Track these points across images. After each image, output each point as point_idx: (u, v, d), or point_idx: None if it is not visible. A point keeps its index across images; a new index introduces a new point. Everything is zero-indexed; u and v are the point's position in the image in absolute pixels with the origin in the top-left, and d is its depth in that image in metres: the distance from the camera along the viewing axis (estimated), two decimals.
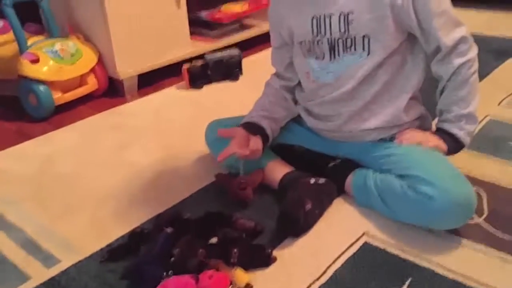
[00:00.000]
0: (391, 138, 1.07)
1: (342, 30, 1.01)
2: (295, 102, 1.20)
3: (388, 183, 0.99)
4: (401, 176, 0.98)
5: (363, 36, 1.00)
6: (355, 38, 1.00)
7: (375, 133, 1.07)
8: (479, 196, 1.06)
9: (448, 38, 0.99)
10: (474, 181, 1.10)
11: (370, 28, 0.99)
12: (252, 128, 1.12)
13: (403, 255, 0.92)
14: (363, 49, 1.01)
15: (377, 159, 1.05)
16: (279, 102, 1.19)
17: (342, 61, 1.03)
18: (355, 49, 1.01)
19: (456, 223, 0.95)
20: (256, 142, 1.09)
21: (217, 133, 1.15)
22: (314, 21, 1.03)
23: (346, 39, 1.01)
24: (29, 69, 1.59)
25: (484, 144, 1.28)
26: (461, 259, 0.91)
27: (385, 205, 1.00)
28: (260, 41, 2.16)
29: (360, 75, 1.03)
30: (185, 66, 1.78)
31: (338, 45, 1.02)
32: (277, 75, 1.22)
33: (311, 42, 1.06)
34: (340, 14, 1.00)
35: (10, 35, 1.69)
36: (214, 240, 0.94)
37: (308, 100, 1.15)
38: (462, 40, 1.01)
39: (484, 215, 1.02)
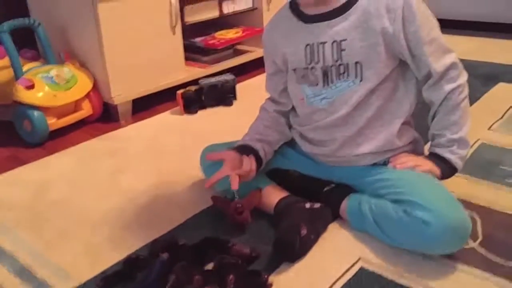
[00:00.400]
0: (385, 163, 1.08)
1: (335, 57, 1.02)
2: (290, 126, 1.21)
3: (382, 208, 1.00)
4: (395, 201, 0.98)
5: (356, 63, 1.02)
6: (348, 65, 1.02)
7: (368, 157, 1.08)
8: (473, 221, 1.07)
9: (438, 64, 1.02)
10: (467, 205, 1.11)
11: (363, 55, 1.01)
12: (245, 150, 1.13)
13: (399, 280, 0.92)
14: (356, 75, 1.03)
15: (372, 184, 1.06)
16: (273, 126, 1.20)
17: (335, 87, 1.05)
18: (348, 76, 1.03)
19: (452, 248, 0.95)
20: (249, 162, 1.09)
21: (207, 157, 1.14)
22: (308, 48, 1.05)
23: (339, 66, 1.03)
24: (24, 95, 1.60)
25: (476, 168, 1.30)
26: (457, 284, 0.91)
27: (380, 230, 1.01)
28: (254, 67, 2.19)
29: (354, 101, 1.04)
30: (180, 92, 1.80)
31: (331, 72, 1.04)
32: (271, 99, 1.23)
33: (304, 69, 1.07)
34: (333, 42, 1.02)
35: (5, 61, 1.70)
36: (210, 266, 0.93)
37: (303, 125, 1.16)
38: (452, 66, 1.03)
39: (479, 240, 1.02)
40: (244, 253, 0.98)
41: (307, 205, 1.07)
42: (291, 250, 0.97)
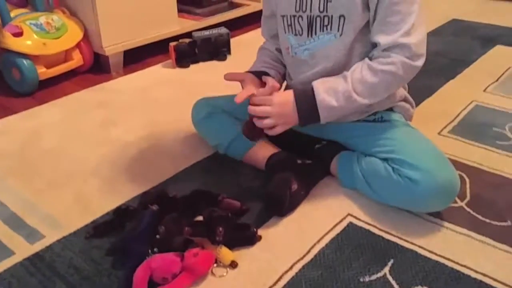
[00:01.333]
0: (374, 120, 1.08)
1: (321, 8, 1.01)
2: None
3: (373, 167, 1.00)
4: (385, 159, 0.98)
5: (340, 16, 0.99)
6: (332, 17, 1.00)
7: (355, 114, 1.07)
8: (462, 180, 1.08)
9: (387, 36, 0.95)
10: (457, 165, 1.12)
11: (346, 8, 0.99)
12: (260, 75, 1.10)
13: (386, 236, 0.94)
14: (338, 29, 1.01)
15: (362, 142, 1.06)
16: (278, 61, 1.17)
17: (318, 39, 1.03)
18: (331, 29, 1.01)
19: (440, 206, 0.96)
20: (273, 80, 1.06)
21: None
22: None
23: (323, 17, 1.01)
24: (12, 42, 1.56)
25: (469, 129, 1.30)
26: (444, 242, 0.92)
27: (370, 188, 1.01)
28: (249, 21, 2.14)
29: (333, 56, 1.02)
30: (172, 44, 1.76)
31: (316, 23, 1.02)
32: (270, 41, 1.20)
33: (292, 17, 1.06)
34: None
35: None
36: (199, 218, 0.94)
37: (290, 78, 1.15)
38: (400, 46, 0.94)
39: (467, 199, 1.03)
40: (234, 206, 0.98)
41: (299, 161, 1.07)
42: (281, 205, 0.98)
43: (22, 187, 1.13)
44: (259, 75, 1.10)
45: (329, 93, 0.97)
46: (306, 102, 0.97)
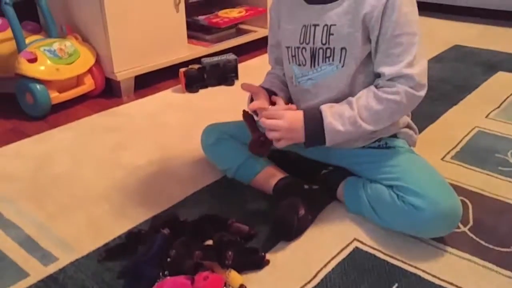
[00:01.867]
0: (379, 146, 1.11)
1: (323, 41, 1.04)
2: None
3: (378, 193, 1.03)
4: (390, 186, 1.01)
5: (341, 49, 1.03)
6: (334, 49, 1.04)
7: (359, 140, 1.10)
8: (465, 206, 1.10)
9: (390, 68, 0.99)
10: (460, 190, 1.14)
11: (347, 42, 1.02)
12: (270, 93, 1.13)
13: (391, 261, 0.96)
14: (340, 61, 1.04)
15: (367, 168, 1.09)
16: (285, 84, 1.20)
17: (320, 69, 1.07)
18: (333, 60, 1.05)
19: (443, 232, 0.99)
20: (281, 100, 1.09)
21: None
22: (303, 29, 1.07)
23: (326, 49, 1.05)
24: (26, 68, 1.61)
25: (472, 155, 1.33)
26: (447, 266, 0.94)
27: (375, 213, 1.04)
28: (256, 47, 2.19)
29: (334, 86, 1.06)
30: (182, 70, 1.81)
31: (318, 54, 1.06)
32: (277, 67, 1.24)
33: (296, 48, 1.09)
34: (324, 26, 1.04)
35: (8, 33, 1.70)
36: (209, 242, 0.96)
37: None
38: (404, 76, 0.98)
39: (470, 225, 1.06)
40: (243, 230, 1.01)
41: (306, 186, 1.10)
42: (289, 229, 1.01)
43: (35, 210, 1.16)
44: (269, 93, 1.14)
45: (335, 117, 1.00)
46: (314, 124, 1.01)
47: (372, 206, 1.04)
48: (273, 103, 1.10)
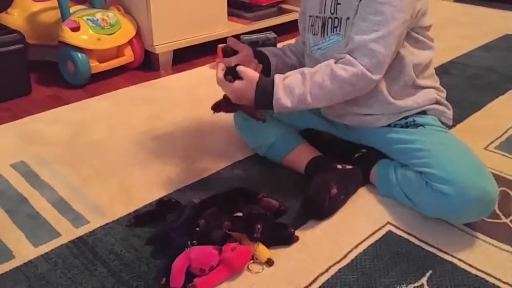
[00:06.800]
0: (407, 124, 1.06)
1: (332, 10, 1.04)
2: None
3: (407, 179, 1.00)
4: (420, 172, 0.97)
5: (347, 19, 1.01)
6: (341, 19, 1.03)
7: (383, 118, 1.06)
8: (507, 196, 1.05)
9: (360, 35, 0.95)
10: (503, 181, 1.09)
11: (352, 12, 1.00)
12: (261, 56, 1.17)
13: (426, 247, 0.93)
14: (345, 31, 1.02)
15: (396, 151, 1.05)
16: (296, 52, 1.23)
17: (329, 39, 1.06)
18: (339, 30, 1.03)
19: (476, 217, 0.95)
20: (255, 67, 1.11)
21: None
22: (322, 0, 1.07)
23: (334, 19, 1.04)
24: (69, 36, 1.63)
25: None
26: (485, 257, 0.90)
27: (406, 197, 1.01)
28: (297, 27, 2.14)
29: (339, 56, 1.02)
30: (220, 46, 1.79)
31: (328, 24, 1.06)
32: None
33: (315, 18, 1.09)
34: None
35: (53, 2, 1.72)
36: (239, 214, 0.95)
37: None
38: (370, 51, 0.94)
39: None
40: (273, 205, 0.99)
41: (339, 166, 1.07)
42: (320, 208, 0.98)
43: (70, 174, 1.17)
44: (259, 55, 1.16)
45: (286, 92, 0.97)
46: (265, 94, 0.98)
47: (403, 190, 1.01)
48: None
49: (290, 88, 0.97)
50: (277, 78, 0.98)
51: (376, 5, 0.94)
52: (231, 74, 1.02)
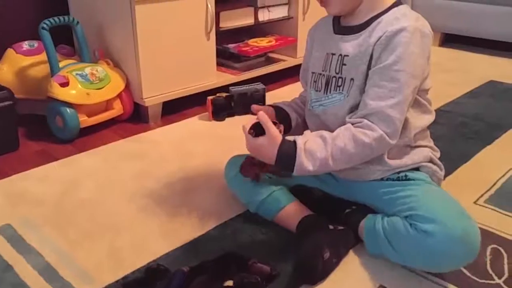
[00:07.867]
0: (398, 178, 1.07)
1: (337, 70, 1.07)
2: None
3: (393, 224, 0.99)
4: (406, 217, 0.98)
5: (351, 79, 1.04)
6: (345, 79, 1.05)
7: (377, 172, 1.07)
8: (499, 255, 1.05)
9: (375, 101, 0.98)
10: (494, 238, 1.09)
11: (356, 73, 1.03)
12: (280, 112, 1.20)
13: None
14: (348, 91, 1.05)
15: (386, 202, 1.05)
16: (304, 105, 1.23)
17: (331, 97, 1.08)
18: (342, 90, 1.06)
19: (460, 261, 0.94)
20: (279, 127, 1.09)
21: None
22: (326, 57, 1.10)
23: (338, 78, 1.07)
24: (58, 92, 1.63)
25: (507, 199, 1.27)
26: None
27: (392, 247, 0.99)
28: (285, 76, 2.18)
29: (340, 116, 1.06)
30: (210, 98, 1.81)
31: (331, 83, 1.08)
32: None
33: (318, 75, 1.12)
34: (339, 55, 1.06)
35: (43, 56, 1.74)
36: (229, 283, 0.94)
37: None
38: (387, 117, 0.97)
39: (505, 276, 1.00)
40: (264, 271, 0.97)
41: (331, 227, 1.07)
42: (313, 274, 0.97)
43: (57, 237, 1.15)
44: (279, 112, 1.19)
45: (307, 157, 0.99)
46: (287, 157, 1.00)
47: (388, 240, 0.99)
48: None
49: (311, 152, 0.99)
50: (300, 142, 1.00)
51: (392, 73, 0.97)
52: (255, 128, 1.05)
